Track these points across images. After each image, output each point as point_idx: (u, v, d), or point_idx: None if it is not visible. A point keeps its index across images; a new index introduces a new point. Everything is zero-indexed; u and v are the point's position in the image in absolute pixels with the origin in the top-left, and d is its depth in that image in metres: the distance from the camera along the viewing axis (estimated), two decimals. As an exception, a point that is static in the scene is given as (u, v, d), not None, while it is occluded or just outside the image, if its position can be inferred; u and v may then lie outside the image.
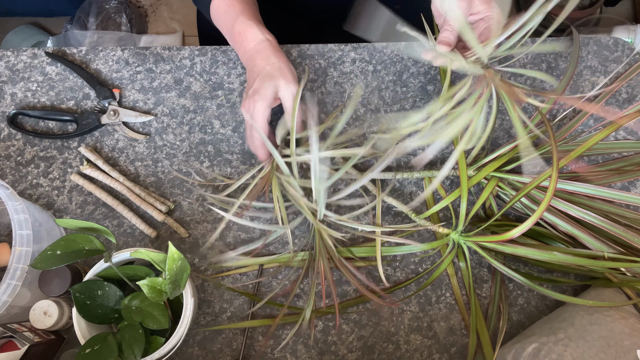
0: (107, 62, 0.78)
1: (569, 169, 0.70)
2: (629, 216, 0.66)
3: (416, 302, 0.70)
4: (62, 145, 0.75)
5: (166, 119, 0.76)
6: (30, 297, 0.63)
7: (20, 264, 0.59)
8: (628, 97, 0.76)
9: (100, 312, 0.59)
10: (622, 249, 0.62)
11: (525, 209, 0.68)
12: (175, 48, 0.78)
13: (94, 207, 0.72)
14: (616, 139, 0.75)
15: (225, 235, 0.71)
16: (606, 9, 1.66)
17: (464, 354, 0.68)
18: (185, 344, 0.68)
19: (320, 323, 0.69)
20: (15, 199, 0.60)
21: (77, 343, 0.61)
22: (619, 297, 0.64)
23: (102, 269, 0.61)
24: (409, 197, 0.73)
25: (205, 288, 0.70)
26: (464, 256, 0.69)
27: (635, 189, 0.73)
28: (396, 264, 0.71)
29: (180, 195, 0.73)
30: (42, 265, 0.55)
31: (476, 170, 0.68)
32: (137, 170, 0.74)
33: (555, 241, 0.67)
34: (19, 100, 0.76)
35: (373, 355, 0.68)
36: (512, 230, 0.59)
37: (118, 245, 0.71)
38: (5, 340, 0.62)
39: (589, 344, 0.58)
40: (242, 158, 0.74)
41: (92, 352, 0.56)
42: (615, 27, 1.43)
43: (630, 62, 0.77)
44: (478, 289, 0.70)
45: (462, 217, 0.66)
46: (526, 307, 0.69)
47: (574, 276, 0.70)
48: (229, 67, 0.78)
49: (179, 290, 0.59)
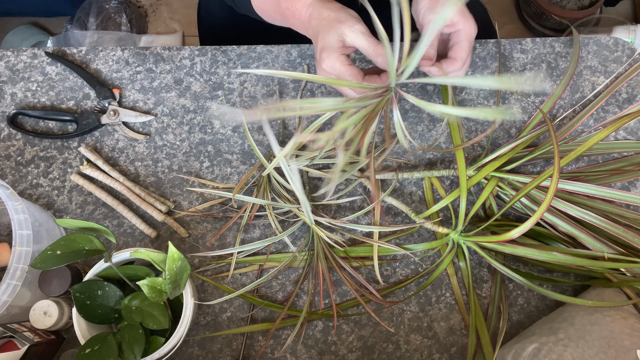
0: (107, 62, 0.78)
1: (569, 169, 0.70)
2: (629, 216, 0.66)
3: (416, 302, 0.70)
4: (62, 145, 0.75)
5: (166, 119, 0.76)
6: (30, 297, 0.63)
7: (20, 264, 0.59)
8: (628, 97, 0.76)
9: (100, 312, 0.59)
10: (622, 249, 0.62)
11: (525, 209, 0.68)
12: (175, 48, 0.78)
13: (94, 207, 0.72)
14: (616, 139, 0.75)
15: (225, 235, 0.71)
16: (606, 9, 1.66)
17: (464, 354, 0.68)
18: (185, 344, 0.68)
19: (320, 323, 0.69)
20: (15, 199, 0.60)
21: (77, 343, 0.61)
22: (619, 297, 0.64)
23: (102, 269, 0.61)
24: (409, 197, 0.73)
25: (205, 288, 0.70)
26: (464, 256, 0.69)
27: (635, 189, 0.73)
28: (396, 264, 0.71)
29: (180, 195, 0.73)
30: (42, 265, 0.55)
31: (476, 170, 0.69)
32: (137, 170, 0.74)
33: (555, 241, 0.67)
34: (19, 100, 0.76)
35: (373, 355, 0.68)
36: (512, 231, 0.59)
37: (118, 245, 0.71)
38: (5, 340, 0.62)
39: (589, 344, 0.58)
40: (242, 158, 0.74)
41: (92, 352, 0.56)
42: (615, 27, 1.43)
43: (630, 62, 0.77)
44: (478, 289, 0.70)
45: (462, 217, 0.66)
46: (526, 307, 0.69)
47: (574, 276, 0.70)
48: (229, 67, 0.78)
49: (179, 290, 0.59)
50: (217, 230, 0.71)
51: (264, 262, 0.69)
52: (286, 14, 0.65)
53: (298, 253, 0.69)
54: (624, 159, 0.72)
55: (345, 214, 0.72)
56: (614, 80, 0.76)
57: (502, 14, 1.58)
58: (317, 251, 0.67)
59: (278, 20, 0.69)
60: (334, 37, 0.58)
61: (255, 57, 0.78)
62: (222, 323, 0.69)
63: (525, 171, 0.74)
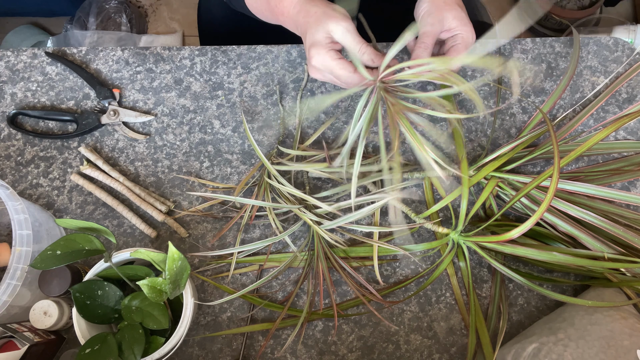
0: (107, 62, 0.78)
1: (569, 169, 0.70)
2: (629, 216, 0.66)
3: (416, 302, 0.70)
4: (62, 145, 0.75)
5: (166, 119, 0.76)
6: (30, 297, 0.63)
7: (20, 264, 0.59)
8: (628, 97, 0.76)
9: (100, 312, 0.59)
10: (622, 249, 0.62)
11: (525, 209, 0.68)
12: (175, 48, 0.78)
13: (94, 207, 0.72)
14: (616, 139, 0.75)
15: (225, 235, 0.71)
16: (606, 9, 1.66)
17: (464, 354, 0.68)
18: (185, 344, 0.68)
19: (320, 323, 0.69)
20: (15, 199, 0.60)
21: (77, 343, 0.61)
22: (619, 297, 0.64)
23: (102, 269, 0.61)
24: (409, 197, 0.73)
25: (205, 288, 0.70)
26: (464, 256, 0.69)
27: (635, 189, 0.73)
28: (396, 264, 0.71)
29: (180, 195, 0.73)
30: (42, 265, 0.55)
31: (476, 170, 0.68)
32: (137, 170, 0.74)
33: (555, 241, 0.67)
34: (19, 100, 0.76)
35: (373, 355, 0.68)
36: (511, 231, 0.59)
37: (118, 245, 0.71)
38: (5, 340, 0.62)
39: (589, 344, 0.58)
40: (242, 158, 0.74)
41: (92, 352, 0.56)
42: (615, 27, 1.43)
43: (630, 62, 0.77)
44: (478, 289, 0.70)
45: (462, 217, 0.66)
46: (526, 307, 0.69)
47: (574, 276, 0.70)
48: (229, 67, 0.78)
49: (179, 290, 0.59)
50: (217, 230, 0.71)
51: (264, 262, 0.69)
52: (275, 12, 0.65)
53: (298, 253, 0.69)
54: (624, 159, 0.72)
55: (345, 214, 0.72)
56: (614, 80, 0.76)
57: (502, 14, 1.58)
58: (317, 251, 0.67)
59: (269, 18, 0.69)
60: (322, 33, 0.58)
61: (255, 57, 0.78)
62: (222, 323, 0.69)
63: (525, 171, 0.74)
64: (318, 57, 0.58)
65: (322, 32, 0.58)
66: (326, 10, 0.59)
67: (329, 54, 0.58)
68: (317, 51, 0.58)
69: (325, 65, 0.59)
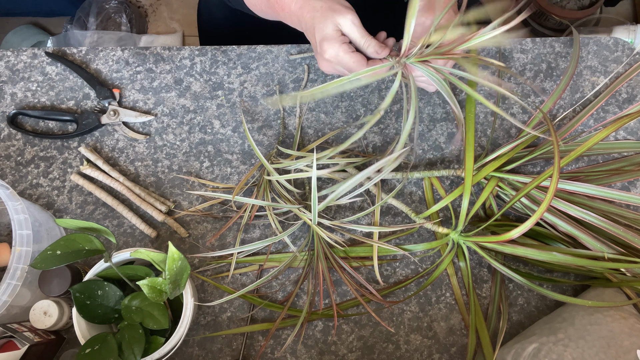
0: (107, 62, 0.78)
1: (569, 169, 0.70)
2: (629, 216, 0.66)
3: (416, 302, 0.70)
4: (62, 145, 0.75)
5: (166, 119, 0.76)
6: (30, 297, 0.63)
7: (20, 264, 0.59)
8: (628, 97, 0.76)
9: (100, 312, 0.59)
10: (622, 249, 0.62)
11: (525, 209, 0.68)
12: (175, 48, 0.78)
13: (94, 207, 0.72)
14: (616, 139, 0.75)
15: (225, 235, 0.71)
16: (606, 9, 1.65)
17: (464, 354, 0.68)
18: (185, 344, 0.68)
19: (320, 323, 0.69)
20: (15, 199, 0.60)
21: (77, 343, 0.61)
22: (619, 297, 0.64)
23: (102, 269, 0.61)
24: (409, 197, 0.73)
25: (205, 288, 0.70)
26: (464, 256, 0.69)
27: (635, 189, 0.73)
28: (396, 264, 0.71)
29: (180, 195, 0.73)
30: (42, 265, 0.55)
31: (476, 170, 0.68)
32: (137, 170, 0.74)
33: (555, 241, 0.67)
34: (19, 100, 0.76)
35: (373, 355, 0.68)
36: (511, 231, 0.59)
37: (118, 245, 0.71)
38: (5, 340, 0.62)
39: (589, 344, 0.58)
40: (242, 158, 0.74)
41: (92, 352, 0.56)
42: (615, 27, 1.43)
43: (630, 62, 0.77)
44: (478, 289, 0.70)
45: (463, 217, 0.66)
46: (526, 307, 0.69)
47: (574, 276, 0.70)
48: (229, 67, 0.78)
49: (179, 290, 0.59)
50: (217, 230, 0.71)
51: (264, 262, 0.69)
52: (275, 8, 0.65)
53: (298, 253, 0.69)
54: (624, 159, 0.72)
55: (345, 214, 0.72)
56: (614, 80, 0.76)
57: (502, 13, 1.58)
58: (317, 251, 0.67)
59: (269, 14, 0.69)
60: (331, 26, 0.59)
61: (255, 57, 0.78)
62: (222, 323, 0.69)
63: (525, 171, 0.74)
64: (331, 51, 0.59)
65: (331, 25, 0.59)
66: (332, 3, 0.59)
67: (342, 47, 0.59)
68: (330, 44, 0.59)
69: (339, 58, 0.60)
